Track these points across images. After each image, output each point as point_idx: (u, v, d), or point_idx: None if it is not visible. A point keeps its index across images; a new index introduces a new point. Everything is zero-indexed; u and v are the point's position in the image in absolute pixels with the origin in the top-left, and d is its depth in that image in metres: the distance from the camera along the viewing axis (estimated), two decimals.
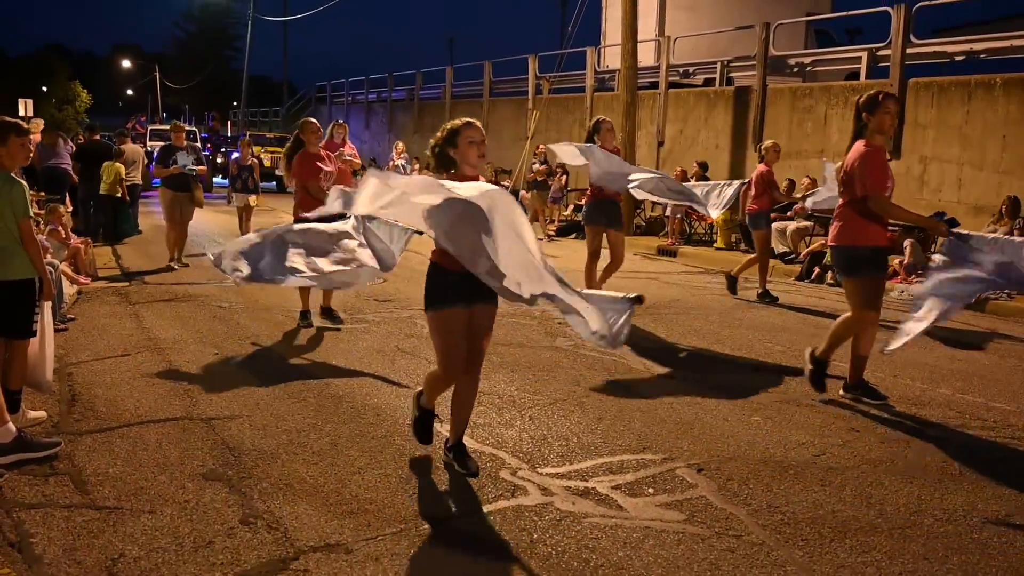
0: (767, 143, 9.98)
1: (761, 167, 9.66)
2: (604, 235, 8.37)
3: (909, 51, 13.51)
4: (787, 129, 15.12)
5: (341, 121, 11.85)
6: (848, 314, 5.62)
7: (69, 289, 8.36)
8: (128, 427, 4.86)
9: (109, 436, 4.69)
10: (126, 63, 69.03)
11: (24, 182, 4.62)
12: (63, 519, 3.64)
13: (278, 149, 28.12)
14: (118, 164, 13.68)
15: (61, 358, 6.21)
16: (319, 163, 7.60)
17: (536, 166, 17.18)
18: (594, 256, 8.41)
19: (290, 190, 8.23)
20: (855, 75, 15.31)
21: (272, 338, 7.15)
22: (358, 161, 11.66)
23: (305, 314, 7.63)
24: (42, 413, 4.94)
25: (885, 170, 5.44)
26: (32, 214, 4.62)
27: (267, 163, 26.91)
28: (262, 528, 3.60)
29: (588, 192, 8.59)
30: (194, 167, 11.23)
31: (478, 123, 4.14)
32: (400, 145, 19.58)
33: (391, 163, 19.67)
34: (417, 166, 20.51)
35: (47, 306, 4.98)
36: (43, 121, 14.85)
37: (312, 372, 6.11)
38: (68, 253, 9.39)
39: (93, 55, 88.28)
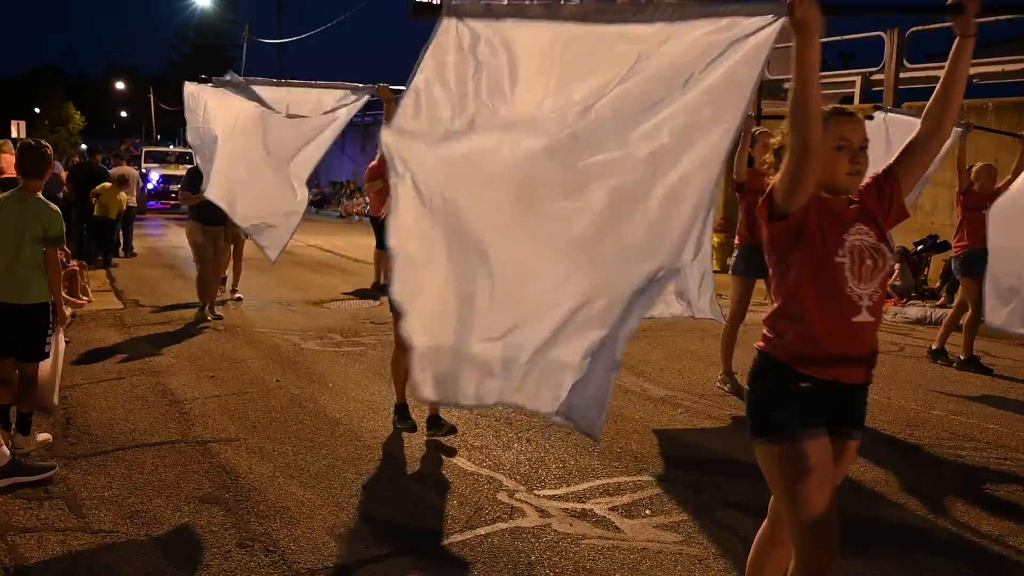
0: (978, 165, 7.53)
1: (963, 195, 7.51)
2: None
3: (902, 75, 13.65)
4: None
5: None
6: None
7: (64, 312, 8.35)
8: (123, 450, 4.85)
9: (104, 459, 4.68)
10: (120, 85, 69.13)
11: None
12: (59, 543, 3.63)
13: None
14: (122, 192, 13.69)
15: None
16: None
17: None
18: (739, 318, 6.46)
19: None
20: (849, 99, 15.44)
21: (268, 361, 7.14)
22: None
23: (403, 411, 5.33)
24: (48, 435, 4.94)
25: None
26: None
27: None
28: (259, 551, 3.59)
29: (737, 233, 6.63)
30: None
31: (857, 115, 2.59)
32: None
33: None
34: None
35: (58, 330, 5.02)
36: (9, 142, 14.77)
37: (308, 395, 6.11)
38: (65, 275, 9.37)
39: (87, 76, 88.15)
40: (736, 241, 6.58)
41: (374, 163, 10.46)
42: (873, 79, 14.45)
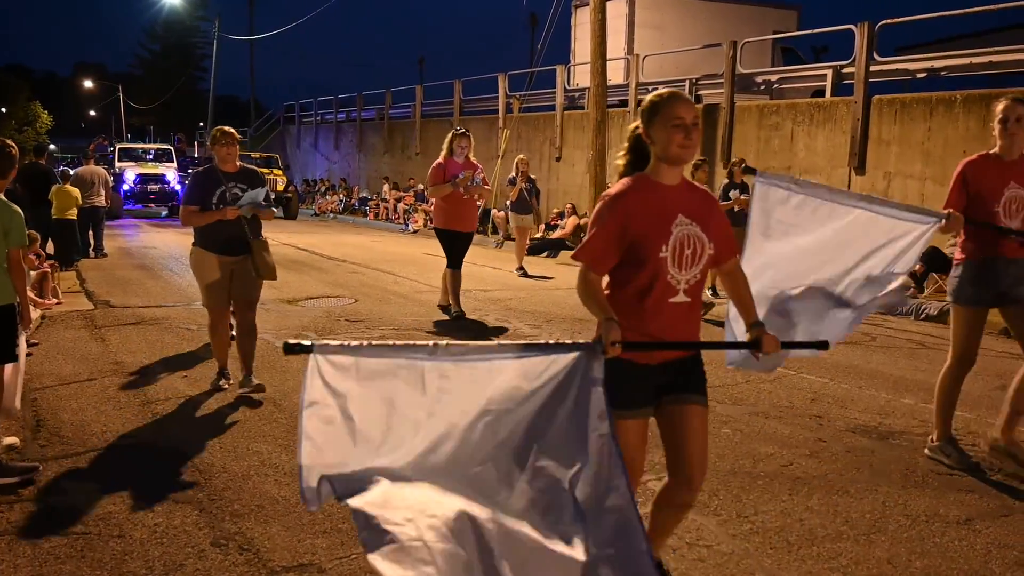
0: None
1: None
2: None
3: (872, 68, 13.77)
4: (755, 146, 15.33)
5: (463, 130, 9.17)
6: None
7: (33, 313, 8.24)
8: (95, 452, 4.80)
9: (76, 461, 4.63)
10: (88, 83, 68.15)
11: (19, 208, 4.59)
12: (29, 547, 3.59)
13: (264, 170, 27.66)
14: (74, 190, 13.44)
15: (25, 383, 6.11)
16: None
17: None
18: (965, 363, 4.73)
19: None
20: (820, 92, 15.57)
21: None
22: (488, 187, 9.68)
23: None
24: (15, 439, 4.87)
25: None
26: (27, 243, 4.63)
27: None
28: (234, 550, 3.58)
29: (959, 244, 4.72)
30: (265, 205, 6.11)
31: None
32: (524, 160, 14.06)
33: (515, 188, 13.78)
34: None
35: (21, 333, 4.96)
36: None
37: (283, 393, 6.08)
38: (36, 277, 9.27)
39: (54, 75, 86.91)
40: (957, 254, 4.73)
41: (440, 160, 8.88)
42: (844, 72, 14.58)
